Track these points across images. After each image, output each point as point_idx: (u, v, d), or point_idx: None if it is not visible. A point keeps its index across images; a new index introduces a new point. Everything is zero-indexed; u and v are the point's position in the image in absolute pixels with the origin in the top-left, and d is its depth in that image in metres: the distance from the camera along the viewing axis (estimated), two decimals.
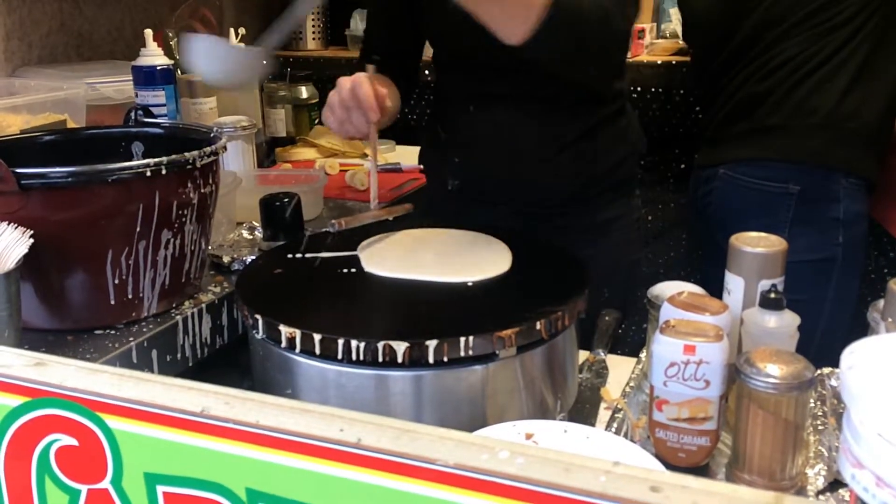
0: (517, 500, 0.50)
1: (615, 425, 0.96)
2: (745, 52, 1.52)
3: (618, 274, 1.42)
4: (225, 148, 1.06)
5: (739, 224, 1.51)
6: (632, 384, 1.05)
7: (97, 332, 0.99)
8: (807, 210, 1.42)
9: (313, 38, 2.54)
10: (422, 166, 1.57)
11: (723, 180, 1.53)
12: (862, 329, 0.99)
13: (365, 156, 2.12)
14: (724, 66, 1.56)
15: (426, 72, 2.08)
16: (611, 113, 1.36)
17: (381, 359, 0.81)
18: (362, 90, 1.10)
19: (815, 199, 1.43)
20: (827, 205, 1.44)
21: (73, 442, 0.62)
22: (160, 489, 0.60)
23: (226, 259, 1.20)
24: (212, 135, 1.09)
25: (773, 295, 0.93)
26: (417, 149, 1.55)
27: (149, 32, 1.57)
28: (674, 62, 2.12)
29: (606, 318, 1.22)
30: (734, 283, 0.98)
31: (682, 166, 2.19)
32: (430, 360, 0.81)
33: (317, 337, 0.83)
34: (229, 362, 1.12)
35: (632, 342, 2.11)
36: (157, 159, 0.93)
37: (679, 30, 2.23)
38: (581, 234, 1.33)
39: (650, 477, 0.49)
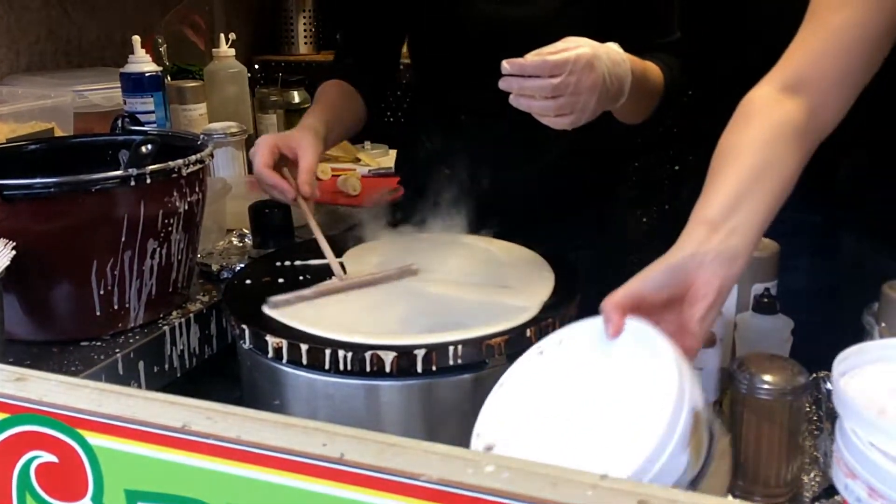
0: None
1: None
2: None
3: (609, 271, 1.41)
4: (212, 155, 1.05)
5: None
6: None
7: (83, 343, 0.97)
8: (824, 236, 1.41)
9: (305, 43, 2.52)
10: (398, 174, 1.54)
11: None
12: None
13: (357, 160, 2.11)
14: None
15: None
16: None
17: (369, 368, 0.80)
18: (257, 163, 1.08)
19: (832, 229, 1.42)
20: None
21: (54, 459, 0.61)
22: None
23: (214, 267, 1.18)
24: (199, 142, 1.08)
25: (766, 299, 0.92)
26: None
27: (137, 39, 1.55)
28: None
29: None
30: None
31: (676, 168, 2.18)
32: (419, 369, 0.80)
33: (304, 347, 0.82)
34: (219, 371, 1.10)
35: None
36: (141, 168, 0.92)
37: None
38: (572, 236, 1.32)
39: (638, 490, 0.48)
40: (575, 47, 0.95)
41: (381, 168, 2.02)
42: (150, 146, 0.89)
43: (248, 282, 1.01)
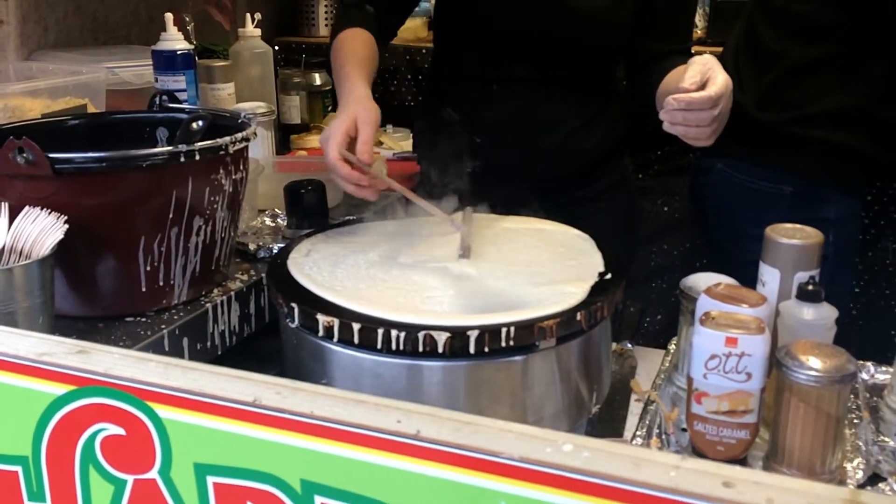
0: (585, 494, 0.49)
1: (648, 417, 0.96)
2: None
3: (620, 239, 1.46)
4: (255, 134, 1.05)
5: (734, 221, 1.51)
6: (662, 376, 1.05)
7: (128, 319, 0.97)
8: (798, 211, 1.42)
9: (325, 25, 2.52)
10: (416, 151, 1.58)
11: (720, 175, 1.53)
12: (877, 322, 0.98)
13: (380, 143, 2.10)
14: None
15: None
16: (610, 84, 1.46)
17: (421, 349, 0.80)
18: (330, 158, 1.02)
19: (806, 201, 1.43)
20: (818, 206, 1.44)
21: (120, 431, 0.61)
22: (210, 480, 0.59)
23: (252, 247, 1.18)
24: (240, 120, 1.08)
25: (811, 287, 0.92)
26: None
27: (169, 16, 1.55)
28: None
29: (631, 308, 1.21)
30: (769, 275, 0.97)
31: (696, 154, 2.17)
32: (471, 350, 0.80)
33: (356, 326, 0.82)
34: (249, 352, 1.10)
35: (646, 333, 2.10)
36: (190, 145, 0.92)
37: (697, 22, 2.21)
38: (586, 202, 1.41)
39: (722, 472, 0.48)
40: (710, 70, 1.02)
41: (404, 152, 2.02)
42: (200, 122, 0.89)
43: (290, 260, 1.01)
